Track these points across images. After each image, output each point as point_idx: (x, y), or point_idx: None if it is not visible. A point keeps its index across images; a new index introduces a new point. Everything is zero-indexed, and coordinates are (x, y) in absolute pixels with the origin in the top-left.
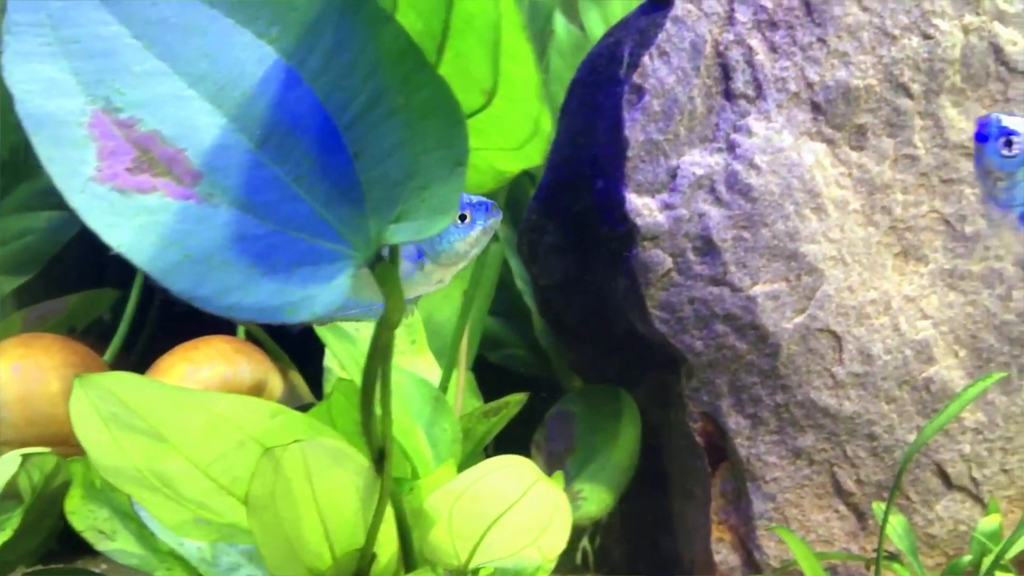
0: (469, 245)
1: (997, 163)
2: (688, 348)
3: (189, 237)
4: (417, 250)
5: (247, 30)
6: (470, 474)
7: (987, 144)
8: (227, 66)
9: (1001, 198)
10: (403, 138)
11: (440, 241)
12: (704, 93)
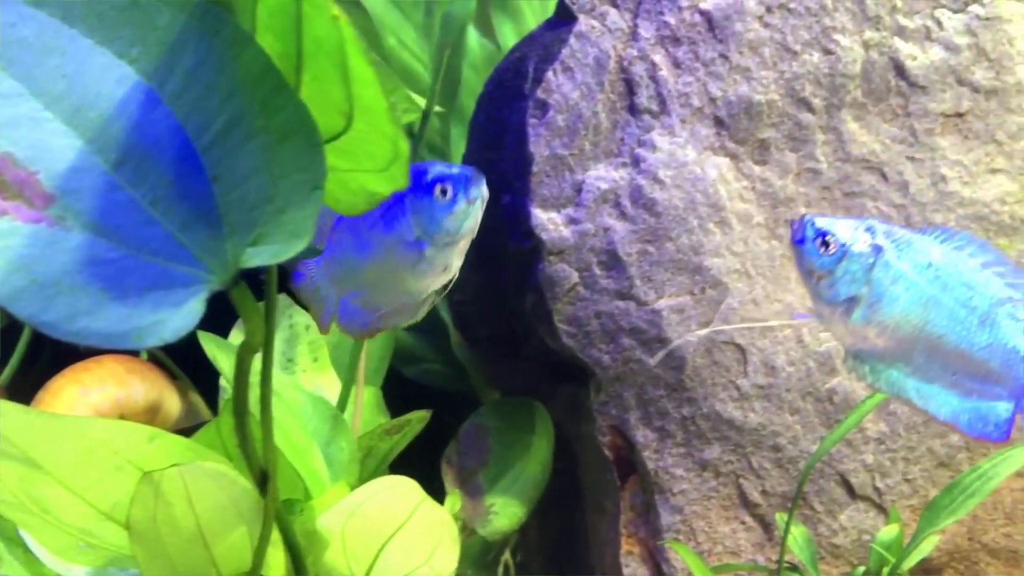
0: (458, 219)
1: (817, 263)
2: (595, 362)
3: (38, 262)
4: (416, 239)
5: (107, 50)
6: (359, 494)
7: (804, 246)
8: (85, 87)
9: (826, 295)
10: (261, 161)
11: (429, 223)
12: (608, 108)
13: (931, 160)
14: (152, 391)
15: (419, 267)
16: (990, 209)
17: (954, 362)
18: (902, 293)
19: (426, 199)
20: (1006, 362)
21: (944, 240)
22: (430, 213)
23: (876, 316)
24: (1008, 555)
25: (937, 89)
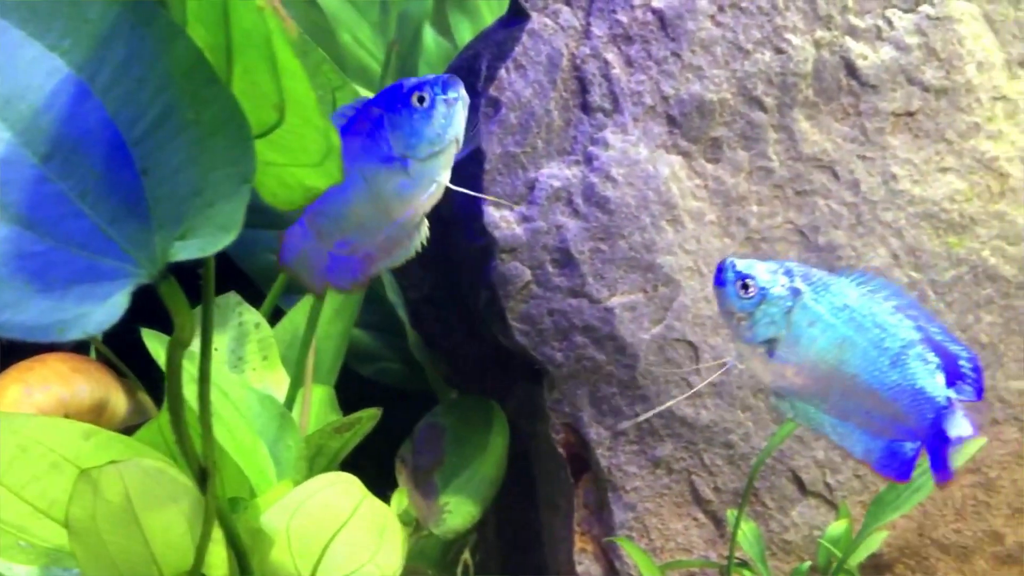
0: (439, 125)
1: (737, 305)
2: (549, 360)
3: None
4: (399, 155)
5: (38, 42)
6: (301, 491)
7: (725, 288)
8: (15, 78)
9: (747, 336)
10: (192, 154)
11: (409, 136)
12: (561, 106)
13: (882, 159)
14: (98, 390)
15: (406, 186)
16: (940, 207)
17: (867, 401)
18: (819, 334)
19: (403, 111)
20: (914, 402)
21: (859, 283)
22: (409, 124)
23: (794, 356)
24: (958, 551)
25: (888, 88)
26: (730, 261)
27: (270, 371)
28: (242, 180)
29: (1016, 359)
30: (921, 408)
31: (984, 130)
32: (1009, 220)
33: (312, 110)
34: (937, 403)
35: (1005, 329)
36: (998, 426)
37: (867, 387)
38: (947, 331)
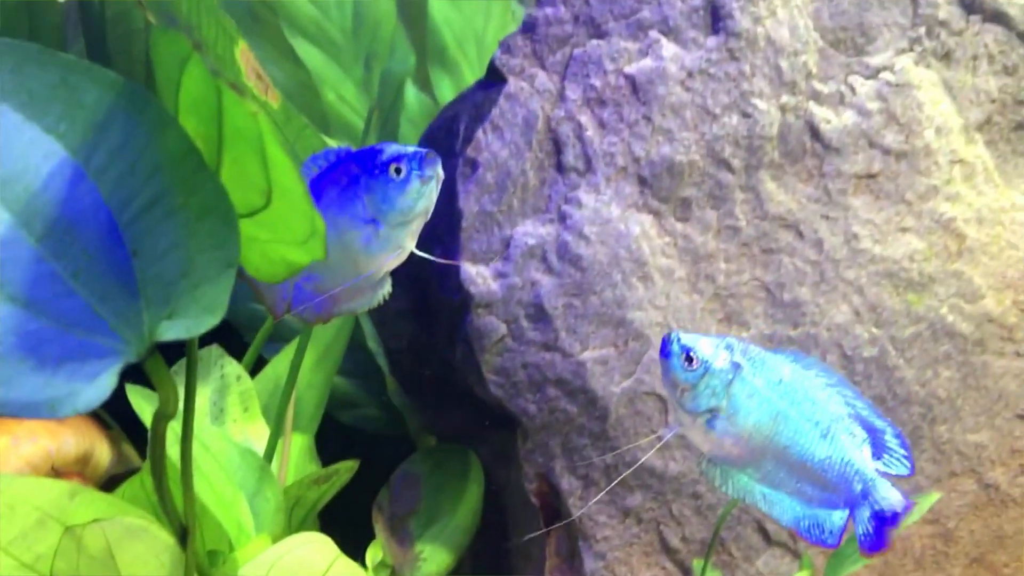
0: (410, 199)
1: (681, 377)
2: (522, 411)
3: None
4: (370, 218)
5: (36, 125)
6: (278, 548)
7: (670, 360)
8: (13, 160)
9: (689, 405)
10: (180, 238)
11: (382, 201)
12: (536, 166)
13: (844, 219)
14: (83, 442)
15: (372, 246)
16: (900, 266)
17: (798, 471)
18: (756, 407)
19: (380, 178)
20: (842, 473)
21: (794, 360)
22: (383, 192)
23: (732, 427)
24: None
25: (850, 151)
26: (675, 334)
27: (250, 423)
28: (227, 264)
29: (973, 413)
30: (849, 479)
31: (942, 192)
32: (966, 279)
33: (299, 198)
34: (864, 475)
35: (962, 384)
36: (956, 478)
37: (799, 458)
38: (873, 407)
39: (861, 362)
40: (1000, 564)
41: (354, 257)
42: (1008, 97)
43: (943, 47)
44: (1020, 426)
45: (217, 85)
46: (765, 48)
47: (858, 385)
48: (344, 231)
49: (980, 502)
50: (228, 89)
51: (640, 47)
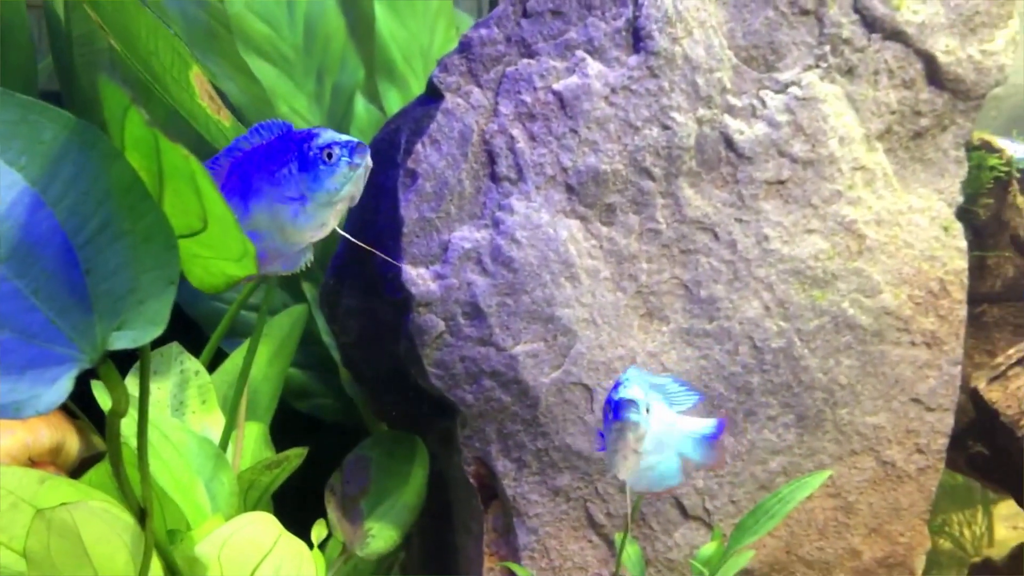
0: (338, 182)
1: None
2: (461, 401)
3: None
4: (299, 194)
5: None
6: (228, 527)
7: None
8: None
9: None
10: (127, 258)
11: (312, 181)
12: (472, 176)
13: (756, 222)
14: (56, 434)
15: (298, 220)
16: (806, 264)
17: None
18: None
19: (313, 160)
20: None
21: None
22: (315, 173)
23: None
24: (821, 566)
25: (761, 160)
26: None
27: (208, 414)
28: (168, 282)
29: (871, 397)
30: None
31: (845, 196)
32: (866, 276)
33: (230, 225)
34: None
35: (862, 372)
36: (856, 456)
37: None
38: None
39: (770, 352)
40: (896, 534)
41: (281, 226)
42: (906, 108)
43: (847, 63)
44: (915, 409)
45: (153, 132)
46: (683, 65)
47: (767, 373)
48: (274, 202)
49: (878, 478)
50: (162, 135)
51: (567, 65)
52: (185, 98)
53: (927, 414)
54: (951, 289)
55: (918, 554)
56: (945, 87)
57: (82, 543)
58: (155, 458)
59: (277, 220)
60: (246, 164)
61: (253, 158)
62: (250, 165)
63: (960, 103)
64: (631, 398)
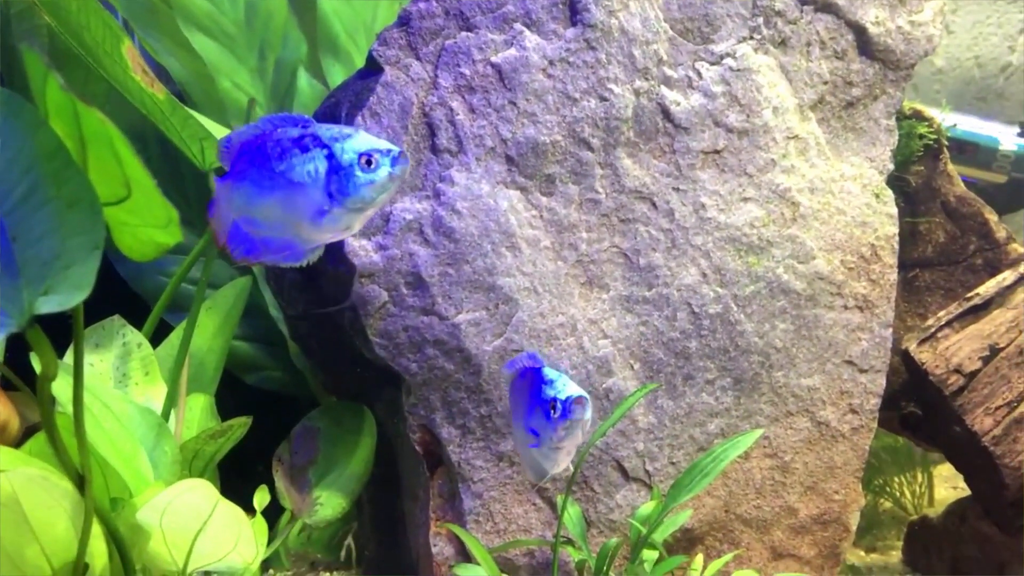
0: (375, 191)
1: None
2: (405, 370)
3: None
4: (326, 197)
5: None
6: (167, 494)
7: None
8: None
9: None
10: (53, 225)
11: (347, 185)
12: (413, 148)
13: (693, 191)
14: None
15: (322, 222)
16: (741, 232)
17: None
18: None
19: (352, 165)
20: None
21: None
22: (351, 179)
23: None
24: (759, 524)
25: (698, 130)
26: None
27: (151, 385)
28: (93, 247)
29: (806, 360)
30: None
31: (779, 165)
32: (800, 242)
33: (152, 191)
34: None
35: (797, 335)
36: (791, 417)
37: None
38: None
39: (707, 318)
40: (831, 491)
41: (300, 224)
42: (839, 79)
43: (780, 35)
44: (848, 371)
45: (70, 98)
46: (619, 38)
47: (704, 338)
48: (296, 198)
49: (813, 438)
50: (79, 100)
51: (505, 38)
52: (118, 72)
53: (860, 375)
54: (882, 254)
55: (852, 511)
56: (875, 57)
57: (22, 510)
58: (96, 428)
59: (293, 216)
60: (260, 151)
61: (268, 146)
62: (264, 153)
63: (891, 73)
64: (581, 395)
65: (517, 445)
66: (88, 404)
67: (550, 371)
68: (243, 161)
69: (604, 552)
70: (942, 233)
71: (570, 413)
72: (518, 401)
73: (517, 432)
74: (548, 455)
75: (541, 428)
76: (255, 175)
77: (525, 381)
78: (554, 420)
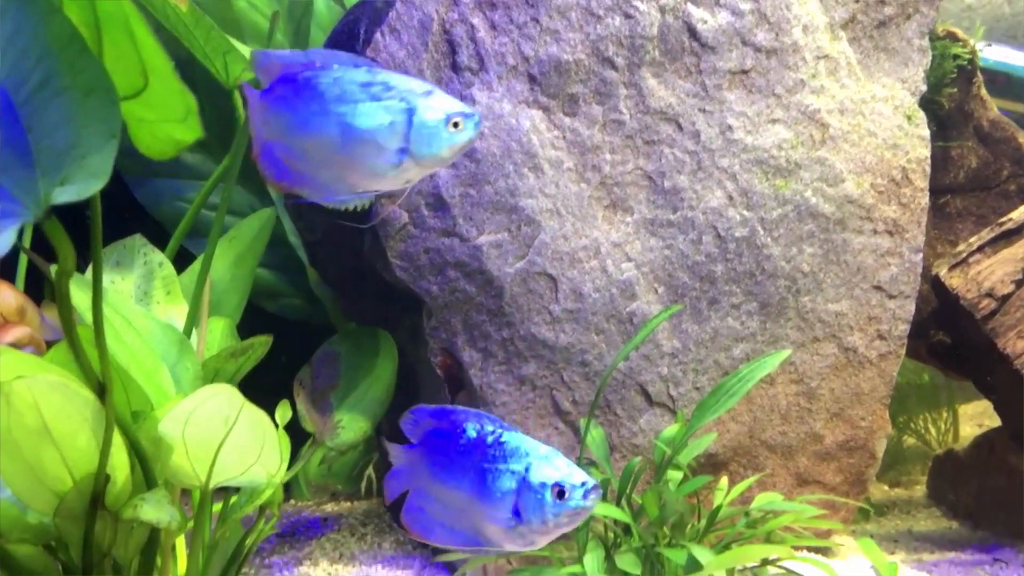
0: (452, 151)
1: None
2: (426, 292)
3: None
4: (400, 149)
5: None
6: (190, 401)
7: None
8: None
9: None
10: (68, 114)
11: (429, 143)
12: (433, 66)
13: (719, 112)
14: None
15: (390, 170)
16: (769, 154)
17: None
18: None
19: (437, 125)
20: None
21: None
22: (434, 136)
23: None
24: (783, 450)
25: (725, 49)
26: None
27: (173, 304)
28: (110, 135)
29: (833, 285)
30: None
31: (808, 86)
32: (828, 164)
33: (171, 77)
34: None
35: (824, 260)
36: (818, 343)
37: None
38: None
39: (733, 242)
40: (857, 418)
41: (353, 167)
42: None
43: None
44: (876, 296)
45: None
46: None
47: (730, 262)
48: (356, 142)
49: (840, 364)
50: None
51: None
52: None
53: (888, 301)
54: (913, 177)
55: (879, 437)
56: None
57: (42, 418)
58: (118, 342)
59: (346, 160)
60: (309, 85)
61: (323, 82)
62: (315, 89)
63: None
64: (596, 483)
65: (473, 518)
66: (109, 318)
67: (521, 440)
68: (287, 88)
69: (627, 472)
70: (974, 158)
71: (577, 503)
72: (476, 467)
73: (480, 506)
74: (532, 534)
75: (532, 509)
76: (301, 107)
77: (484, 447)
78: (558, 504)
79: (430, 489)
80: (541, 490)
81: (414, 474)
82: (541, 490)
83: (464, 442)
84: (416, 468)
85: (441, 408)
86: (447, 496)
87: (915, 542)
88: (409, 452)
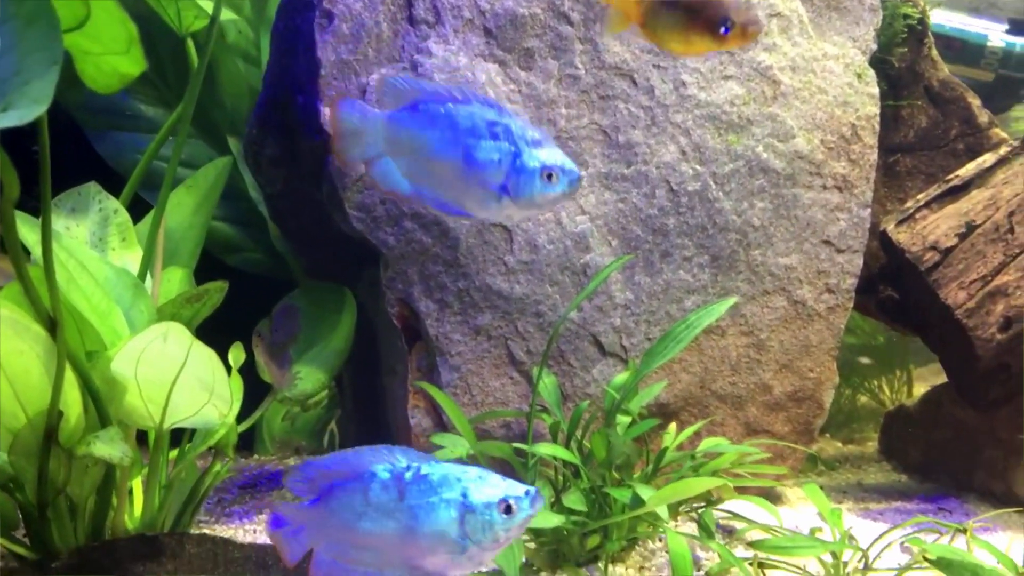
0: (544, 200)
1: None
2: (382, 243)
3: None
4: (501, 187)
5: None
6: (139, 340)
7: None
8: None
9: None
10: (12, 42)
11: (523, 187)
12: (389, 19)
13: (673, 68)
14: None
15: (491, 204)
16: (721, 110)
17: None
18: None
19: (532, 172)
20: None
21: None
22: (528, 182)
23: None
24: (733, 400)
25: None
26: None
27: (128, 251)
28: (52, 62)
29: (783, 239)
30: None
31: (761, 43)
32: (780, 121)
33: (113, 6)
34: None
35: (775, 214)
36: (768, 296)
37: None
38: None
39: (685, 195)
40: (806, 369)
41: (473, 192)
42: None
43: None
44: (825, 250)
45: None
46: None
47: (682, 216)
48: (477, 171)
49: (789, 316)
50: None
51: None
52: None
53: (837, 255)
54: (863, 134)
55: (826, 388)
56: None
57: None
58: (71, 284)
59: (463, 187)
60: (438, 113)
61: (455, 114)
62: (445, 117)
63: None
64: (538, 488)
65: (408, 557)
66: (63, 261)
67: (442, 467)
68: (423, 113)
69: (577, 415)
70: (924, 118)
71: (532, 508)
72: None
73: (418, 544)
74: (473, 559)
75: (479, 533)
76: (437, 132)
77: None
78: (503, 523)
79: (343, 539)
80: (487, 511)
81: (318, 533)
82: (487, 511)
83: (378, 486)
84: (321, 526)
85: (332, 457)
86: (370, 543)
87: (863, 493)
88: (309, 511)
